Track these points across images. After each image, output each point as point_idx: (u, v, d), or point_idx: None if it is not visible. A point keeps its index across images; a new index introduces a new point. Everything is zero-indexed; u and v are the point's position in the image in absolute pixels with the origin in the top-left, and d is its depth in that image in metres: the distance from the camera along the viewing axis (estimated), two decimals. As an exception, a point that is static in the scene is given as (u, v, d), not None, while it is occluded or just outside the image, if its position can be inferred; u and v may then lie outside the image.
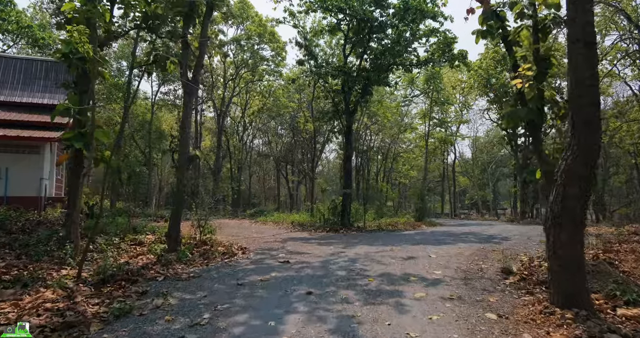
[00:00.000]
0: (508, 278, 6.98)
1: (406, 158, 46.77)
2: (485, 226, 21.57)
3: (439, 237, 14.32)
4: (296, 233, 15.97)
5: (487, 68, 30.21)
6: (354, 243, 12.16)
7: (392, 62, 17.59)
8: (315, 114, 25.98)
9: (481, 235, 14.82)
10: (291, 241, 12.77)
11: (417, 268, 7.86)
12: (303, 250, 10.54)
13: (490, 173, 54.72)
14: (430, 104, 30.71)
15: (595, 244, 9.89)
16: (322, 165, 59.76)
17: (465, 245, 11.51)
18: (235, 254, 9.64)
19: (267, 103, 36.45)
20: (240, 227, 18.19)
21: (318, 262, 8.53)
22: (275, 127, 45.20)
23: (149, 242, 10.76)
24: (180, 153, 10.01)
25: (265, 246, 11.34)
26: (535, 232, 16.96)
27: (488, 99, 33.58)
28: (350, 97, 18.44)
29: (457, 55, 17.30)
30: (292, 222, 20.16)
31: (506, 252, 9.72)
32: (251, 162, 47.62)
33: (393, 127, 38.01)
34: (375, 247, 11.06)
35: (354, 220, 18.52)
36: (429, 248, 10.57)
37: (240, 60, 33.42)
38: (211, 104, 37.02)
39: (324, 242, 12.60)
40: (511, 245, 11.61)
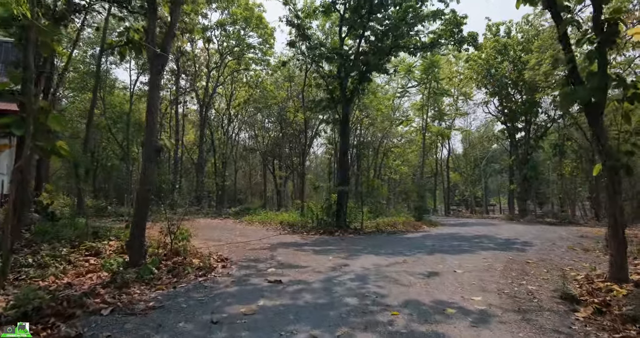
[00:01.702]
0: (577, 310, 5.21)
1: (397, 153, 45.14)
2: (490, 226, 19.98)
3: (449, 241, 12.58)
4: (286, 236, 14.08)
5: (488, 58, 28.60)
6: (356, 251, 10.33)
7: (395, 44, 15.75)
8: (307, 103, 24.05)
9: (496, 239, 13.12)
10: (282, 248, 10.89)
11: (447, 291, 6.06)
12: (297, 261, 8.68)
13: (482, 169, 53.52)
14: (428, 95, 29.04)
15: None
16: (309, 161, 57.98)
17: (487, 253, 9.77)
18: (213, 268, 7.73)
19: (254, 94, 34.34)
20: (223, 229, 16.23)
21: (318, 282, 6.67)
22: (262, 120, 43.17)
23: (109, 251, 8.81)
24: (145, 143, 8.05)
25: (251, 255, 9.45)
26: (551, 234, 15.44)
27: (487, 91, 32.00)
28: (346, 84, 16.58)
29: (467, 38, 15.54)
30: (280, 222, 18.29)
31: (544, 265, 8.04)
32: (237, 157, 45.50)
33: (384, 120, 36.29)
34: (383, 257, 9.24)
35: (349, 220, 16.72)
36: (448, 260, 8.79)
37: (225, 48, 31.24)
38: (194, 95, 34.83)
39: (321, 249, 10.76)
40: (540, 253, 9.92)
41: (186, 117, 40.32)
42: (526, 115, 29.68)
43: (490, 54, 28.54)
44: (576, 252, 10.28)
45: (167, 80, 33.90)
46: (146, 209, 7.93)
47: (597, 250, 10.58)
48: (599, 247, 10.97)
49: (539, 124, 30.92)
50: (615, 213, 6.34)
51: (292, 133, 36.28)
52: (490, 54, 28.55)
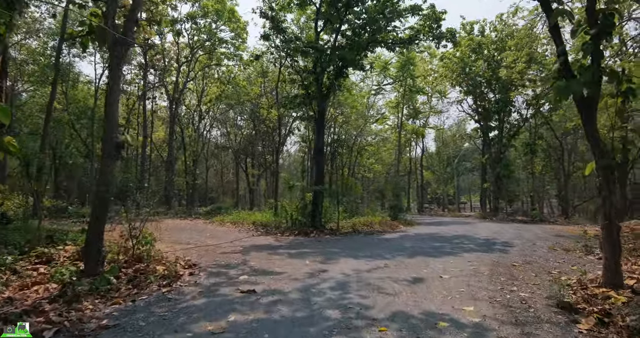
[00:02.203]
0: (578, 321, 4.80)
1: (371, 151, 44.92)
2: (466, 225, 19.84)
3: (429, 242, 12.19)
4: (259, 238, 13.42)
5: (462, 57, 28.56)
6: (333, 254, 9.78)
7: (373, 39, 15.28)
8: (281, 99, 23.34)
9: (476, 240, 12.82)
10: (255, 251, 10.23)
11: (436, 300, 5.59)
12: (271, 266, 8.06)
13: (454, 168, 54.07)
14: (403, 93, 28.81)
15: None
16: (283, 159, 57.28)
17: (470, 255, 9.39)
18: (179, 277, 7.04)
19: (226, 90, 33.32)
20: (193, 230, 15.42)
21: (295, 291, 6.08)
22: (235, 118, 42.16)
23: (62, 258, 7.97)
24: (105, 138, 7.28)
25: (221, 260, 8.77)
26: (527, 233, 15.34)
27: (461, 89, 32.05)
28: (322, 79, 16.01)
29: (445, 34, 15.20)
30: (253, 223, 17.59)
31: (531, 268, 7.71)
32: (208, 155, 44.33)
33: (359, 118, 35.93)
34: (363, 260, 8.72)
35: (325, 220, 16.19)
36: (432, 263, 8.35)
37: (195, 42, 30.13)
38: (163, 90, 33.55)
39: (296, 252, 10.16)
40: (523, 255, 9.62)
41: (155, 114, 38.92)
42: (499, 114, 29.86)
43: (465, 53, 28.53)
44: (558, 253, 10.05)
45: (134, 75, 32.55)
46: (104, 211, 7.16)
47: (578, 250, 10.41)
48: (579, 247, 10.81)
49: (512, 122, 31.17)
50: (610, 215, 6.01)
51: (266, 130, 35.48)
52: (464, 53, 28.54)
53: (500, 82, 29.02)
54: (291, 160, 60.86)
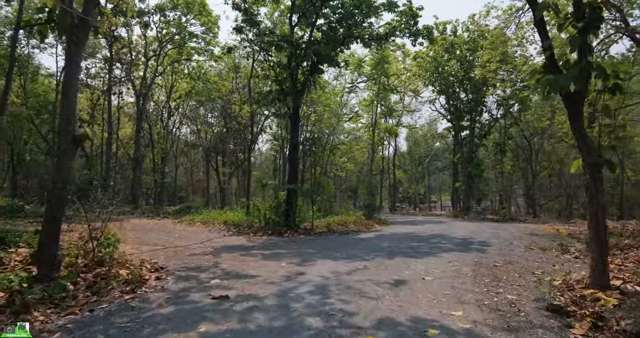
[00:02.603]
0: (571, 326, 4.57)
1: (344, 150, 44.75)
2: (440, 224, 19.82)
3: (406, 242, 11.94)
4: (231, 238, 12.87)
5: (436, 56, 28.68)
6: (309, 255, 9.38)
7: (349, 34, 14.95)
8: (254, 95, 22.74)
9: (453, 239, 12.68)
10: (227, 252, 9.72)
11: (422, 305, 5.28)
12: (245, 269, 7.59)
13: (425, 167, 54.60)
14: (377, 91, 28.67)
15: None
16: (254, 158, 56.56)
17: (450, 256, 9.18)
18: (144, 282, 6.49)
19: (197, 86, 32.36)
20: (161, 231, 14.71)
21: (272, 297, 5.65)
22: (205, 115, 41.15)
23: (14, 262, 7.28)
24: (60, 132, 6.64)
25: (191, 263, 8.23)
26: (502, 232, 15.40)
27: (434, 89, 32.22)
28: (297, 74, 15.58)
29: (422, 30, 15.03)
30: (225, 222, 16.99)
31: (513, 269, 7.54)
32: (177, 152, 43.14)
33: (332, 117, 35.63)
34: (341, 262, 8.36)
35: (299, 220, 15.78)
36: (412, 264, 8.07)
37: (164, 36, 29.08)
38: (130, 85, 32.27)
39: (271, 253, 9.70)
40: (502, 254, 9.49)
41: (122, 110, 37.52)
42: (471, 113, 30.17)
43: (438, 52, 28.65)
44: (535, 252, 9.99)
45: (99, 69, 31.21)
46: (61, 211, 6.52)
47: (554, 249, 10.39)
48: (555, 246, 10.82)
49: (483, 122, 31.57)
50: (597, 214, 5.85)
51: (237, 128, 34.72)
52: (438, 52, 28.66)
53: (472, 82, 29.31)
54: (263, 158, 60.16)
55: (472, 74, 29.64)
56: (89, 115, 31.30)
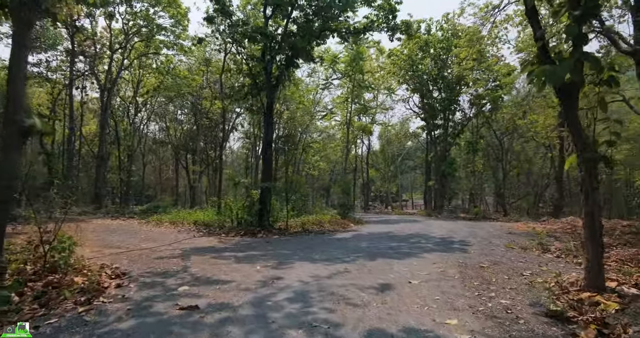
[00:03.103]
0: (576, 334, 4.21)
1: (317, 148, 44.35)
2: (416, 223, 19.60)
3: (385, 242, 11.54)
4: (202, 239, 12.17)
5: (410, 54, 28.56)
6: (286, 257, 8.84)
7: (325, 27, 14.45)
8: (225, 90, 21.92)
9: (432, 239, 12.38)
10: (197, 255, 9.06)
11: (413, 312, 4.84)
12: (217, 273, 6.99)
13: (397, 166, 54.81)
14: (352, 88, 28.31)
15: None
16: (225, 156, 55.53)
17: (432, 256, 8.81)
18: (103, 290, 5.80)
19: (165, 81, 31.17)
20: (126, 232, 13.83)
21: (247, 306, 5.09)
22: (175, 111, 39.92)
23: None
24: (5, 123, 5.86)
25: (157, 267, 7.55)
26: (479, 230, 15.25)
27: (408, 87, 32.13)
28: (271, 68, 14.98)
29: (400, 25, 14.68)
30: (195, 222, 16.22)
31: (500, 270, 7.23)
32: (145, 150, 41.71)
33: (305, 114, 35.13)
34: (321, 265, 7.85)
35: (273, 219, 15.19)
36: (396, 266, 7.65)
37: (131, 28, 27.81)
38: (94, 79, 30.76)
39: (244, 255, 9.10)
40: (485, 254, 9.20)
41: (86, 105, 35.83)
42: (445, 112, 30.25)
43: (413, 50, 28.54)
44: (517, 252, 9.76)
45: (61, 62, 29.60)
46: (4, 213, 5.76)
47: (534, 248, 10.21)
48: (534, 245, 10.66)
49: (456, 121, 31.72)
50: (593, 212, 5.56)
51: (208, 125, 33.77)
52: (412, 50, 28.55)
53: (445, 81, 29.38)
54: (234, 156, 59.16)
55: (446, 72, 29.70)
56: (50, 110, 29.73)
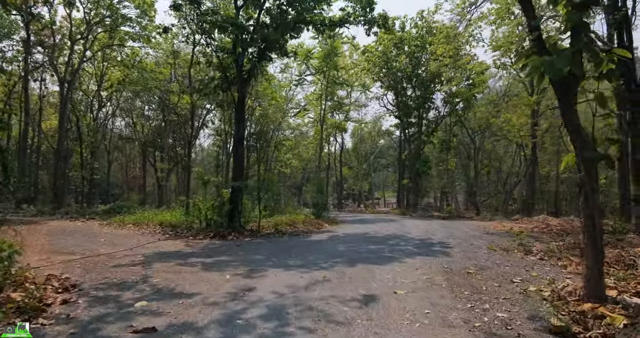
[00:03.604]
0: (589, 356, 3.76)
1: (289, 146, 43.63)
2: (392, 223, 19.19)
3: (364, 244, 10.98)
4: (167, 243, 11.32)
5: (385, 51, 28.21)
6: (259, 263, 8.16)
7: (300, 19, 13.78)
8: (194, 83, 20.92)
9: (411, 240, 11.92)
10: (160, 261, 8.27)
11: (402, 330, 4.28)
12: (181, 284, 6.26)
13: (370, 164, 54.70)
14: (326, 84, 27.72)
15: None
16: (195, 153, 54.19)
17: (415, 261, 8.31)
18: (44, 308, 4.99)
19: (131, 75, 29.75)
20: (84, 234, 12.80)
21: (214, 326, 4.40)
22: (142, 107, 38.37)
23: None
24: None
25: (113, 277, 6.75)
26: (456, 230, 14.95)
27: (382, 84, 31.81)
28: (243, 61, 14.21)
29: (377, 18, 14.17)
30: (161, 224, 15.28)
31: (489, 276, 6.80)
32: (111, 147, 39.96)
33: (277, 111, 34.35)
34: (296, 272, 7.22)
35: (245, 220, 14.45)
36: (377, 273, 7.09)
37: (93, 17, 26.32)
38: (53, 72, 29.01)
39: (213, 261, 8.37)
40: (468, 258, 8.77)
41: (46, 99, 33.90)
42: (419, 110, 30.10)
43: (388, 47, 28.22)
44: (500, 254, 9.39)
45: (16, 52, 27.83)
46: None
47: (516, 250, 9.89)
48: (515, 246, 10.38)
49: (430, 119, 31.65)
50: (594, 216, 5.13)
51: (177, 121, 32.53)
52: (387, 47, 28.22)
53: (420, 78, 29.22)
54: (205, 154, 57.78)
55: (420, 70, 29.53)
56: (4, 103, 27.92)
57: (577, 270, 7.57)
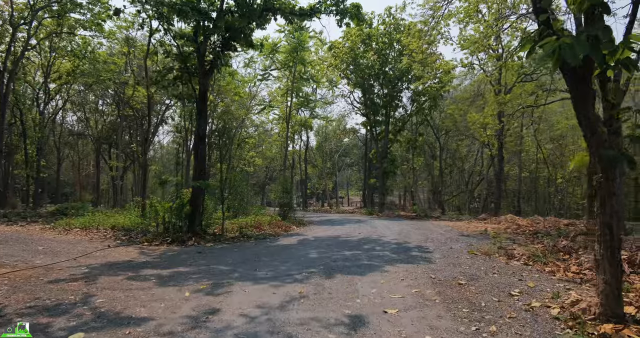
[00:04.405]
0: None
1: (253, 144, 42.38)
2: (361, 224, 18.52)
3: (338, 250, 10.13)
4: (119, 250, 10.09)
5: (352, 47, 27.56)
6: (223, 274, 7.18)
7: (268, 6, 12.79)
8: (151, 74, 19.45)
9: (386, 244, 11.18)
10: (107, 275, 7.12)
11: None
12: (130, 305, 5.22)
13: (335, 163, 54.23)
14: (292, 79, 26.70)
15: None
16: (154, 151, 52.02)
17: (397, 269, 7.55)
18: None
19: (82, 66, 27.62)
20: (20, 241, 11.26)
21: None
22: (95, 101, 36.14)
23: None
24: None
25: (47, 297, 5.60)
26: (429, 232, 14.36)
27: (349, 82, 31.16)
28: (205, 50, 13.08)
29: (349, 9, 13.37)
30: (113, 227, 13.92)
31: (483, 289, 6.14)
32: (61, 143, 37.42)
33: (241, 108, 33.07)
34: (267, 285, 6.31)
35: (207, 223, 13.33)
36: (359, 286, 6.27)
37: (38, 1, 24.11)
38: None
39: (170, 274, 7.30)
40: (451, 264, 8.14)
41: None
42: (386, 108, 29.66)
43: (356, 42, 27.59)
44: (483, 259, 8.81)
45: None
46: None
47: (497, 254, 9.36)
48: (496, 249, 9.88)
49: (398, 117, 31.30)
50: (612, 224, 4.51)
51: (133, 116, 30.70)
52: (355, 43, 27.59)
53: (387, 76, 28.78)
54: (164, 152, 55.58)
55: (387, 67, 29.09)
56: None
57: (566, 276, 7.13)
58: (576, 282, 6.67)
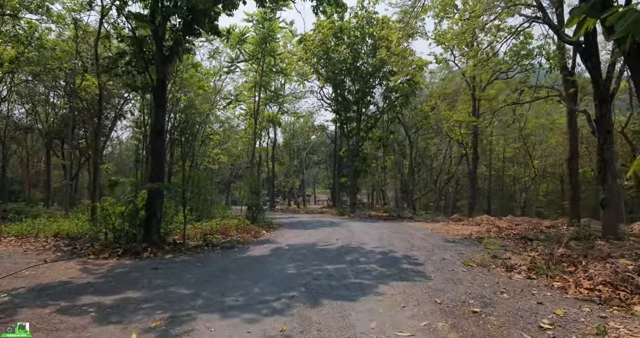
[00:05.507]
0: None
1: (217, 141, 40.52)
2: (335, 227, 17.37)
3: (317, 263, 8.81)
4: (57, 266, 8.45)
5: (324, 40, 26.37)
6: (183, 302, 5.79)
7: (236, -16, 11.39)
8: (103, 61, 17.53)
9: (370, 255, 9.96)
10: (32, 305, 5.59)
11: None
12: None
13: (303, 160, 53.08)
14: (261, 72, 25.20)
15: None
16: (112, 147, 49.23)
17: (391, 290, 6.37)
18: None
19: (28, 53, 25.09)
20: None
21: None
22: (46, 93, 33.39)
23: None
24: None
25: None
26: (413, 238, 13.31)
27: (320, 76, 29.95)
28: (163, 34, 11.53)
29: (327, -6, 12.14)
30: (56, 235, 12.16)
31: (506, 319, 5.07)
32: (6, 138, 34.39)
33: (205, 102, 31.24)
34: (238, 318, 4.99)
35: (165, 230, 11.79)
36: (354, 317, 5.03)
37: (-24, -21, 21.62)
38: None
39: (115, 301, 5.85)
40: (448, 280, 7.09)
41: None
42: (358, 104, 28.66)
43: (328, 35, 26.41)
44: (482, 273, 7.81)
45: None
46: None
47: (493, 265, 8.42)
48: (490, 259, 8.99)
49: (370, 114, 30.39)
50: None
51: (87, 109, 28.37)
52: (327, 35, 26.41)
53: (359, 71, 27.78)
54: (123, 148, 52.69)
55: (359, 63, 28.10)
56: None
57: (580, 293, 6.28)
58: (595, 302, 5.77)
